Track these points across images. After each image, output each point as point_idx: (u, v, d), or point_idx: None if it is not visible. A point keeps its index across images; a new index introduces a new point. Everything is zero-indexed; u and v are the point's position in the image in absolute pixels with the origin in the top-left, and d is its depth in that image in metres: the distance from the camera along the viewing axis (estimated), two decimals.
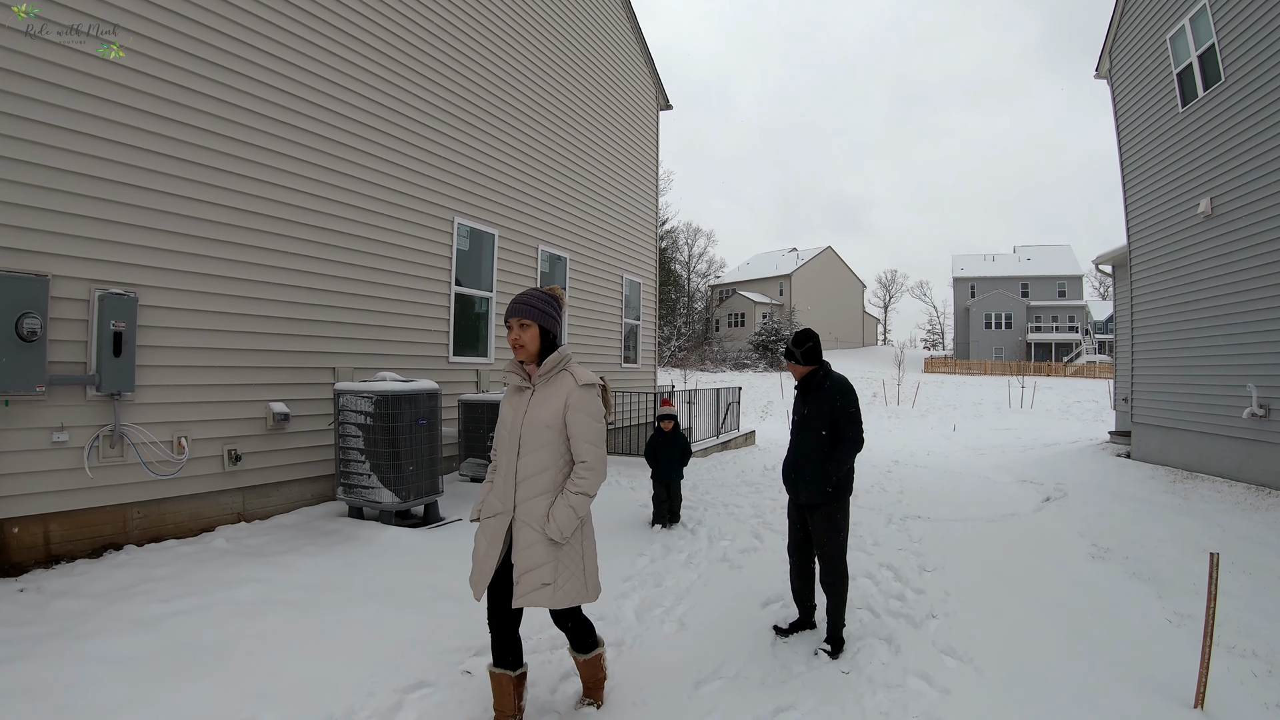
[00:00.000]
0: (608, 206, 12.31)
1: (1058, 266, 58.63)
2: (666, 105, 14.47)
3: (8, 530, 4.38)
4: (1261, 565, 5.69)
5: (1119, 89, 13.26)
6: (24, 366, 4.27)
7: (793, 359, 4.16)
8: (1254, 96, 8.98)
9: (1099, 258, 15.85)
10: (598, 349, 11.92)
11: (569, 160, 10.94)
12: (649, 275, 14.15)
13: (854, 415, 3.96)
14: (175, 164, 5.20)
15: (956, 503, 8.56)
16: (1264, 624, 4.38)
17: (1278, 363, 8.80)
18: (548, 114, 10.26)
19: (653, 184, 14.24)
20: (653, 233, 14.33)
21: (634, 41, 13.38)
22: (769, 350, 49.81)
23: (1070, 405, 29.61)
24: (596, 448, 2.78)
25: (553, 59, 10.36)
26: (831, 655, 3.83)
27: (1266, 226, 8.91)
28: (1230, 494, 8.70)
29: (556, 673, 3.50)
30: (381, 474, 5.50)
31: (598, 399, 2.85)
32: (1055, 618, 4.49)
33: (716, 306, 63.33)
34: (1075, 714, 3.23)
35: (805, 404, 4.13)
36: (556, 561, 2.73)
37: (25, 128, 4.34)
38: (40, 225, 4.43)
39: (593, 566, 2.90)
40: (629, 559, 5.56)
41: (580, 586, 2.80)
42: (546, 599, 2.71)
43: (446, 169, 8.09)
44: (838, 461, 3.91)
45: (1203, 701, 3.30)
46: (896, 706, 3.31)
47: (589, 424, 2.77)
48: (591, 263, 11.71)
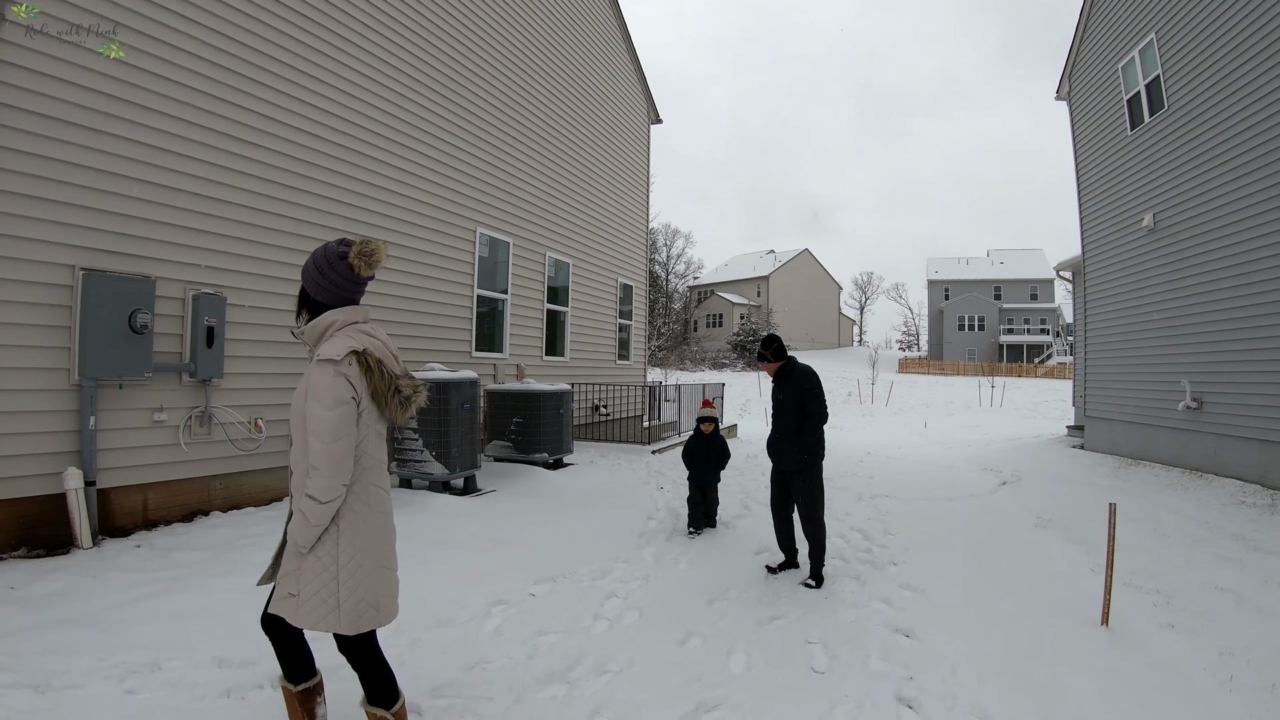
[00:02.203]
0: (605, 215, 13.24)
1: (1030, 270, 59.56)
2: (657, 119, 15.44)
3: (115, 497, 5.15)
4: (1178, 530, 6.70)
5: (1076, 110, 14.19)
6: (135, 355, 5.04)
7: (765, 359, 5.20)
8: (1193, 123, 9.84)
9: (1059, 264, 16.63)
10: (596, 346, 12.84)
11: (573, 174, 11.86)
12: (640, 278, 15.09)
13: (818, 395, 5.01)
14: (256, 182, 6.04)
15: (921, 486, 9.58)
16: (1169, 571, 5.37)
17: (1208, 361, 9.64)
18: (555, 132, 11.17)
19: (644, 192, 15.19)
20: (644, 238, 15.28)
21: (629, 61, 14.33)
22: (747, 350, 50.79)
23: (1038, 404, 30.81)
24: (322, 444, 2.23)
25: (560, 83, 11.27)
26: (813, 587, 4.79)
27: (1200, 240, 9.74)
28: (1166, 477, 9.61)
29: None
30: (433, 449, 6.40)
31: (334, 381, 2.25)
32: (997, 567, 5.48)
33: (695, 307, 64.09)
34: (1003, 628, 4.16)
35: (780, 391, 5.16)
36: (300, 573, 2.31)
37: (134, 149, 5.13)
38: (146, 234, 5.22)
39: (355, 592, 2.33)
40: (640, 520, 6.51)
41: (328, 610, 2.29)
42: (289, 612, 2.31)
43: (471, 184, 8.99)
44: (808, 433, 4.97)
45: (1107, 620, 4.25)
46: (863, 617, 4.29)
47: (315, 413, 2.24)
48: (592, 267, 12.64)
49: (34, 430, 4.61)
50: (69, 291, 4.76)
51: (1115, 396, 12.61)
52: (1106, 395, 12.98)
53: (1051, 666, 3.62)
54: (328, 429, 2.24)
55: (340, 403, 2.26)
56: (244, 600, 3.79)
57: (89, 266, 4.85)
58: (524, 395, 8.20)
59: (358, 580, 2.34)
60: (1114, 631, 4.16)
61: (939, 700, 3.21)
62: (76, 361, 4.78)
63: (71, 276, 4.77)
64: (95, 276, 4.82)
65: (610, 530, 6.09)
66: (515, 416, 8.18)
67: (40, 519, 4.66)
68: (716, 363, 49.68)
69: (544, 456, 8.20)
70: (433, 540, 5.27)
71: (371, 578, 2.37)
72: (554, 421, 8.24)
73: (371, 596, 2.37)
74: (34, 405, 4.62)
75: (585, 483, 7.85)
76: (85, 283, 4.79)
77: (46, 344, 4.67)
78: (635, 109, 14.68)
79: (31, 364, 4.60)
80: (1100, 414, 13.17)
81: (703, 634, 3.91)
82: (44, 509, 4.67)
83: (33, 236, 4.56)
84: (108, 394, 4.98)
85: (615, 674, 3.38)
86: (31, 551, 4.58)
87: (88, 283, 4.79)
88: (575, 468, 8.61)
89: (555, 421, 8.25)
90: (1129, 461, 11.40)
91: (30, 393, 4.60)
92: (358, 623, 2.33)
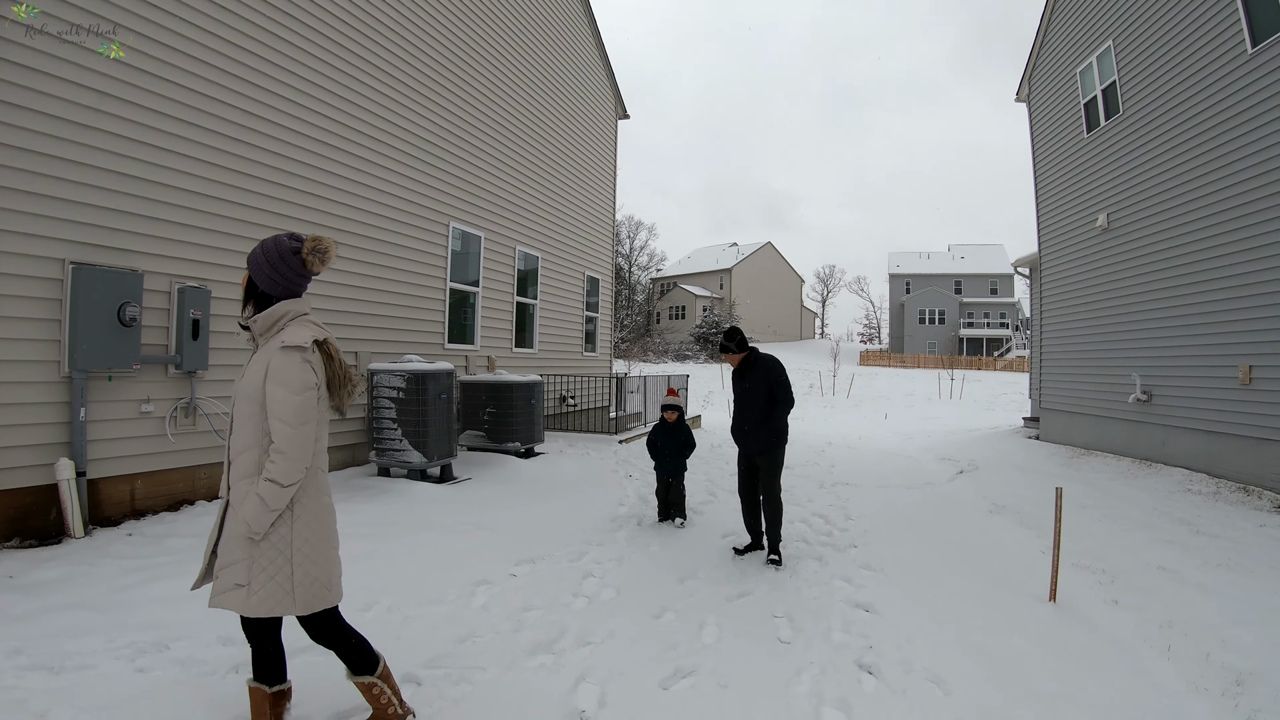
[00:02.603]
0: (573, 208, 13.46)
1: (990, 265, 60.52)
2: (624, 114, 15.68)
3: (103, 487, 5.27)
4: (1126, 515, 7.12)
5: (1035, 112, 14.65)
6: (123, 347, 5.15)
7: (729, 351, 5.48)
8: (1146, 128, 10.24)
9: (1018, 261, 16.99)
10: (564, 338, 13.09)
11: (542, 168, 12.06)
12: (606, 271, 15.35)
13: (785, 382, 5.35)
14: (238, 177, 6.17)
15: (881, 475, 10.01)
16: (1115, 553, 5.77)
17: (1157, 356, 10.06)
18: (526, 127, 11.35)
19: (611, 187, 15.43)
20: (610, 231, 15.53)
21: (598, 57, 14.54)
22: (709, 343, 51.37)
23: (997, 396, 31.63)
24: (289, 428, 2.33)
25: (531, 78, 11.44)
26: (777, 563, 5.15)
27: (1152, 240, 10.15)
28: (1117, 466, 10.11)
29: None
30: (412, 439, 6.63)
31: (300, 367, 2.37)
32: (952, 550, 5.88)
33: (658, 299, 64.42)
34: (956, 603, 4.53)
35: (745, 380, 5.44)
36: (251, 560, 2.35)
37: (122, 144, 5.24)
38: (133, 228, 5.33)
39: (310, 573, 2.43)
40: (611, 506, 6.83)
41: (282, 594, 2.37)
42: (239, 603, 2.35)
43: (445, 179, 9.17)
44: (777, 418, 5.30)
45: (1055, 596, 4.63)
46: (825, 594, 4.65)
47: (282, 397, 2.34)
48: (560, 260, 12.87)
49: (26, 422, 4.73)
50: (59, 285, 4.87)
51: (1070, 389, 13.08)
52: (1061, 388, 13.47)
53: (1001, 637, 3.96)
54: (295, 413, 2.35)
55: (307, 387, 2.38)
56: None
57: (79, 260, 4.96)
58: (497, 386, 8.45)
59: (312, 561, 2.44)
60: (1061, 607, 4.51)
61: (897, 666, 3.56)
62: (67, 354, 4.89)
63: (62, 270, 4.88)
64: (85, 270, 4.93)
65: (583, 515, 6.40)
66: (489, 407, 8.43)
67: (32, 510, 4.79)
68: (679, 354, 50.14)
69: (516, 445, 8.47)
70: (414, 525, 5.51)
71: (324, 558, 2.49)
72: (526, 412, 8.50)
73: (324, 576, 2.48)
74: (25, 398, 4.73)
75: (556, 471, 8.13)
76: (75, 276, 4.89)
77: (37, 337, 4.78)
78: (603, 104, 14.91)
79: (23, 357, 4.71)
80: (1055, 406, 13.67)
81: (676, 609, 4.24)
82: (35, 500, 4.80)
83: (24, 231, 4.66)
84: (97, 386, 5.11)
85: (597, 644, 3.68)
86: (24, 542, 4.70)
87: (78, 276, 4.90)
88: (546, 456, 8.88)
89: (527, 412, 8.51)
90: (1082, 451, 11.88)
91: (22, 385, 4.71)
92: (311, 603, 2.43)
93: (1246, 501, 7.40)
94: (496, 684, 3.22)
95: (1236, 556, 5.54)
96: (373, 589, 4.19)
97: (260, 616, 2.39)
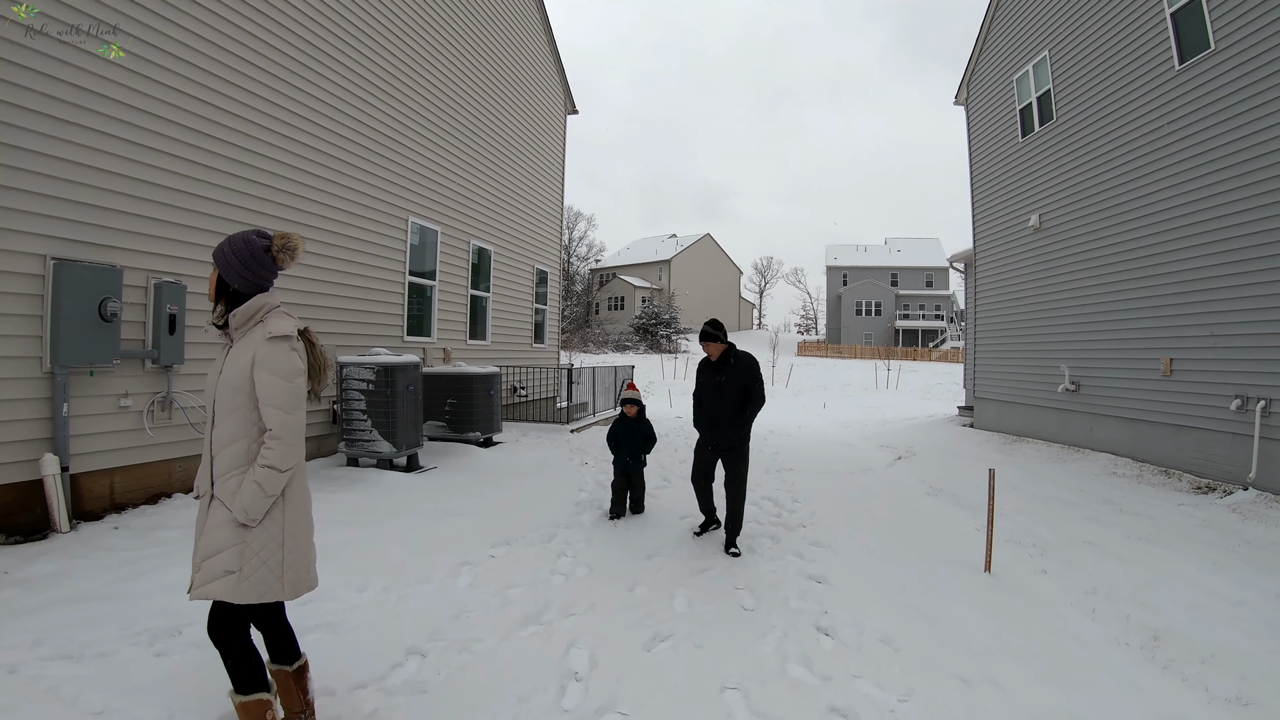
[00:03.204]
0: (525, 203, 13.73)
1: (926, 258, 61.79)
2: (573, 110, 15.96)
3: (84, 482, 5.37)
4: (1054, 497, 7.72)
5: (973, 116, 15.29)
6: (104, 342, 5.25)
7: (714, 339, 5.55)
8: (1079, 135, 10.84)
9: (953, 256, 17.52)
10: (515, 330, 13.36)
11: (497, 163, 12.30)
12: (554, 264, 15.65)
13: (761, 380, 5.64)
14: (209, 173, 6.29)
15: (823, 461, 10.59)
16: (1044, 530, 6.33)
17: (1083, 347, 10.73)
18: (480, 123, 11.56)
19: (560, 182, 15.72)
20: (559, 225, 15.83)
21: (550, 54, 14.80)
22: (649, 334, 51.90)
23: (932, 386, 32.73)
24: (285, 413, 2.41)
25: (486, 74, 11.64)
26: (736, 556, 5.56)
27: (1082, 240, 10.79)
28: (1047, 452, 10.76)
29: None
30: (381, 429, 6.89)
31: (289, 354, 2.46)
32: (894, 528, 6.43)
33: (597, 290, 64.46)
34: (900, 574, 5.04)
35: (721, 373, 5.55)
36: (244, 546, 2.39)
37: (103, 141, 5.35)
38: (112, 224, 5.43)
39: (298, 558, 2.51)
40: (573, 491, 7.23)
41: (273, 579, 2.43)
42: (228, 590, 2.37)
43: (404, 175, 9.36)
44: (751, 414, 5.52)
45: (989, 567, 5.19)
46: (780, 568, 5.16)
47: (275, 384, 2.41)
48: (511, 254, 13.14)
49: (9, 419, 4.80)
50: (40, 281, 4.95)
51: (1002, 379, 13.76)
52: (994, 378, 14.16)
53: (940, 602, 4.47)
54: (289, 399, 2.42)
55: (298, 374, 2.47)
56: None
57: (60, 256, 5.06)
58: (458, 378, 8.74)
59: (299, 546, 2.50)
60: (995, 576, 5.02)
61: (849, 628, 4.06)
62: (49, 350, 4.98)
63: (43, 266, 4.96)
64: (66, 266, 5.02)
65: (548, 500, 6.77)
66: (449, 398, 8.72)
67: (14, 506, 4.84)
68: (620, 345, 50.32)
69: (477, 435, 8.78)
70: (392, 512, 5.81)
71: (307, 542, 2.57)
72: (485, 402, 8.81)
73: (305, 560, 2.55)
74: (8, 394, 4.80)
75: (516, 459, 8.47)
76: (57, 272, 4.98)
77: (19, 333, 4.85)
78: (554, 100, 15.16)
79: (5, 353, 4.78)
80: (988, 395, 14.35)
81: (647, 583, 4.69)
82: (18, 496, 4.86)
83: (6, 227, 4.72)
84: (79, 381, 5.21)
85: (580, 615, 4.10)
86: (10, 538, 4.75)
87: (59, 272, 4.98)
88: (505, 446, 9.22)
89: (486, 402, 8.83)
90: (1014, 438, 12.52)
91: (4, 381, 4.78)
92: (297, 587, 2.49)
93: (1167, 483, 8.16)
94: (495, 652, 3.60)
95: (1155, 532, 6.19)
96: (364, 572, 4.49)
97: (249, 603, 2.42)
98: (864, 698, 3.28)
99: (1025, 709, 3.21)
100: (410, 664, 3.43)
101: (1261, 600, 4.56)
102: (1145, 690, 3.42)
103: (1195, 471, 8.31)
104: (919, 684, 3.42)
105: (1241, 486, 7.42)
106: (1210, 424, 8.14)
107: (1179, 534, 6.14)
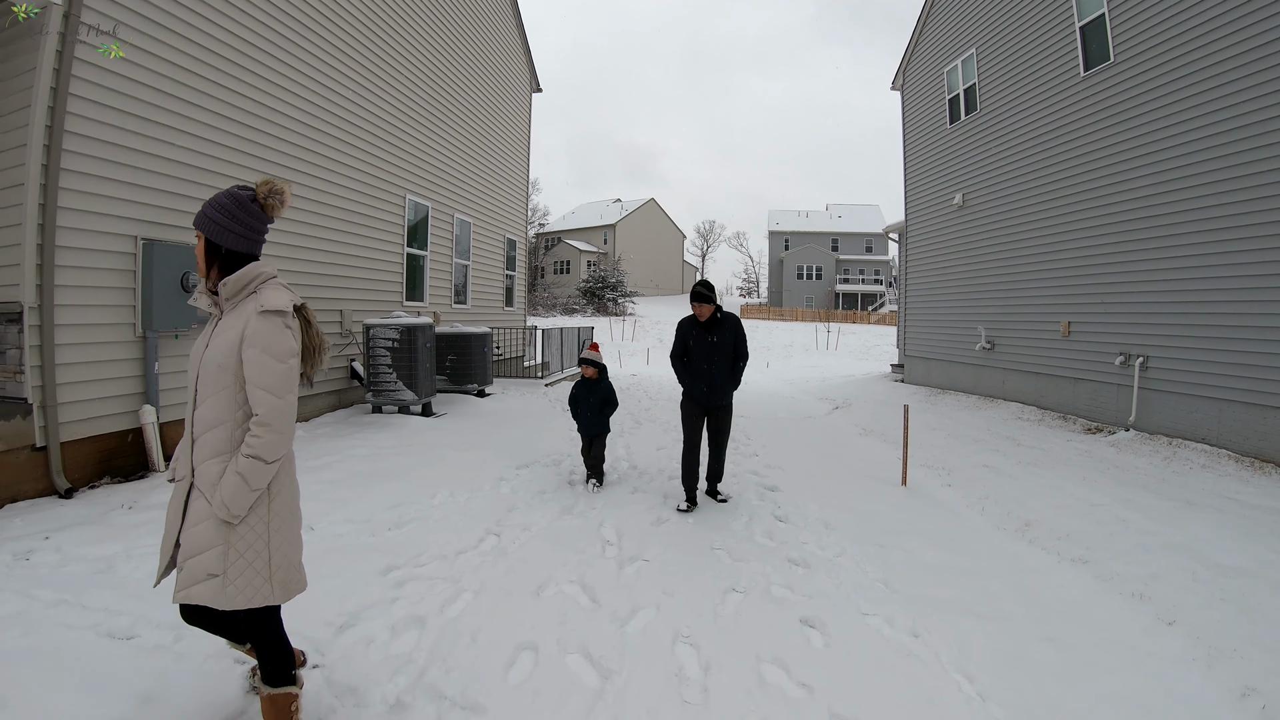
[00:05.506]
0: (497, 177, 14.73)
1: (866, 224, 62.71)
2: (538, 88, 16.89)
3: (168, 432, 6.23)
4: (966, 435, 9.24)
5: (908, 101, 16.43)
6: (186, 310, 6.21)
7: (707, 300, 5.50)
8: (999, 125, 12.07)
9: (888, 228, 18.41)
10: (490, 295, 14.46)
11: (474, 141, 13.27)
12: (520, 233, 16.69)
13: (745, 339, 5.75)
14: (259, 162, 7.22)
15: (769, 410, 12.02)
16: (953, 458, 7.80)
17: (997, 311, 12.09)
18: (461, 104, 12.47)
19: (525, 155, 16.70)
20: (524, 197, 16.83)
21: (517, 34, 15.67)
22: (596, 296, 52.89)
23: (870, 348, 34.31)
24: (275, 398, 2.16)
25: (465, 57, 12.51)
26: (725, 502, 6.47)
27: (998, 218, 12.07)
28: (966, 402, 12.23)
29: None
30: (405, 380, 8.05)
31: (283, 332, 2.20)
32: (830, 456, 7.93)
33: (543, 254, 64.85)
34: (836, 486, 6.47)
35: (713, 333, 5.55)
36: (228, 546, 2.15)
37: (167, 134, 6.25)
38: (186, 207, 6.33)
39: (287, 557, 2.28)
40: (564, 429, 8.49)
41: (261, 581, 2.19)
42: (212, 595, 2.13)
43: (402, 156, 10.34)
44: (741, 370, 5.74)
45: (906, 482, 6.67)
46: (741, 478, 6.59)
47: (265, 364, 2.16)
48: (487, 225, 14.18)
49: (111, 376, 5.73)
50: (132, 259, 5.90)
51: (929, 339, 15.08)
52: (922, 338, 15.50)
53: (866, 503, 5.88)
54: (281, 382, 2.18)
55: (292, 354, 2.22)
56: (319, 490, 5.50)
57: (148, 237, 6.03)
58: (458, 337, 9.93)
59: (288, 544, 2.29)
60: (910, 489, 6.45)
61: (798, 516, 5.49)
62: (139, 317, 5.95)
63: (134, 246, 5.91)
64: (153, 245, 5.96)
65: (547, 435, 8.07)
66: (450, 354, 9.91)
67: (116, 451, 5.77)
68: (567, 308, 51.06)
69: (474, 387, 10.01)
70: (427, 445, 7.03)
71: (297, 538, 2.34)
72: (481, 358, 10.02)
73: (295, 558, 2.33)
74: (109, 355, 5.71)
75: (508, 407, 9.71)
76: (145, 251, 5.95)
77: (117, 303, 5.79)
78: (520, 79, 16.09)
79: (107, 320, 5.69)
80: (917, 354, 15.75)
81: (645, 490, 6.10)
82: (119, 443, 5.79)
83: (103, 212, 5.61)
84: (166, 343, 6.20)
85: (600, 508, 5.46)
86: (114, 479, 5.67)
87: (148, 250, 5.95)
88: (496, 396, 10.46)
89: (482, 358, 10.04)
90: (938, 391, 14.02)
91: (108, 345, 5.69)
92: (288, 588, 2.27)
93: (1064, 426, 9.73)
94: (548, 529, 4.92)
95: (1042, 459, 7.68)
96: (430, 485, 5.75)
97: (236, 609, 2.18)
98: (811, 553, 4.71)
99: (922, 562, 4.65)
100: (488, 541, 4.71)
101: (1114, 503, 5.88)
102: (1012, 554, 4.88)
103: (1088, 417, 9.76)
104: (849, 547, 4.87)
105: (1124, 428, 8.87)
106: (1100, 377, 9.52)
107: (1061, 460, 7.62)
